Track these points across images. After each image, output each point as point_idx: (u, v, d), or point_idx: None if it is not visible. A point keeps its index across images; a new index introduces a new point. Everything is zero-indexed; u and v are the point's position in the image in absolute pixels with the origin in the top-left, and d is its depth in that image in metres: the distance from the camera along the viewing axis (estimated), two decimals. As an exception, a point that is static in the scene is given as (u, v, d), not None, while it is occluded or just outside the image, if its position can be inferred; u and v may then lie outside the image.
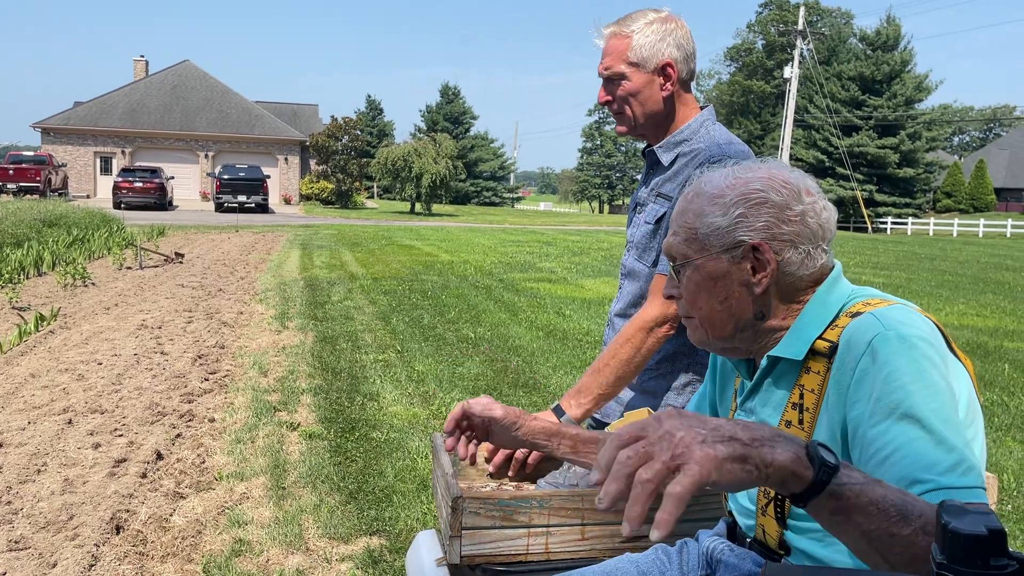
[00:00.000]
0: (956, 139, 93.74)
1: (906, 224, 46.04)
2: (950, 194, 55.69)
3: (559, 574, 1.42)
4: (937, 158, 54.89)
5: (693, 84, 2.01)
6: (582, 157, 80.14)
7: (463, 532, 1.49)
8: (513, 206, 71.28)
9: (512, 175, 76.97)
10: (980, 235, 40.69)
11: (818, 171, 50.66)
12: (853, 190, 47.33)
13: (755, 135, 59.13)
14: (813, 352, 1.16)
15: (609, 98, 1.95)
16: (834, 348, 1.13)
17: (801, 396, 1.17)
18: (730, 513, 1.32)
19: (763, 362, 1.23)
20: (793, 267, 1.19)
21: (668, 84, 1.90)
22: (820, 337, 1.16)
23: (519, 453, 1.80)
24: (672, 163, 1.93)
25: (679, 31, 1.90)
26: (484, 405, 1.49)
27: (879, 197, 49.67)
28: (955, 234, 41.70)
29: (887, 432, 1.02)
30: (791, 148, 47.55)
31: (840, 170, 48.79)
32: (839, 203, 50.09)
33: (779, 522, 1.17)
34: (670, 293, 1.29)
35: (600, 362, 1.85)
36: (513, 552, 1.52)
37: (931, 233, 42.95)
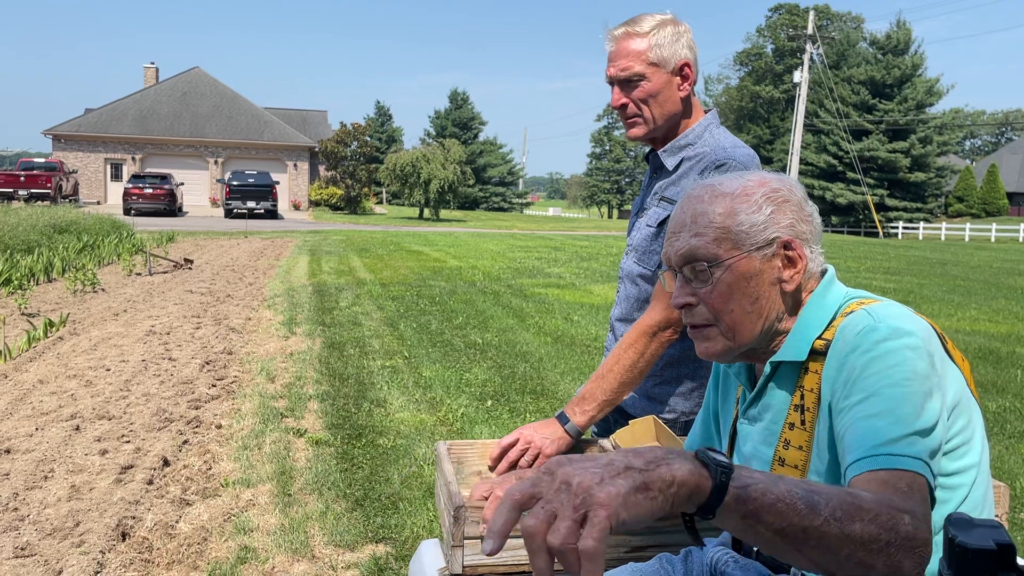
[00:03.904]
0: (968, 143, 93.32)
1: (917, 229, 45.81)
2: (962, 199, 55.40)
3: None
4: (948, 162, 54.62)
5: (701, 89, 2.00)
6: (591, 162, 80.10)
7: (465, 542, 1.47)
8: (522, 211, 71.30)
9: (521, 180, 77.07)
10: (992, 240, 40.44)
11: (828, 175, 50.49)
12: (864, 195, 47.14)
13: (764, 140, 58.98)
14: (812, 352, 1.17)
15: (626, 100, 1.90)
16: (829, 345, 1.15)
17: (802, 397, 1.17)
18: None
19: (766, 368, 1.22)
20: (811, 265, 1.21)
21: (685, 84, 1.89)
22: (819, 337, 1.17)
23: (523, 462, 1.78)
24: (677, 167, 1.91)
25: (688, 34, 1.90)
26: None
27: (890, 202, 49.45)
28: (967, 239, 41.48)
29: (854, 408, 1.05)
30: (801, 152, 47.40)
31: (851, 174, 48.60)
32: (850, 208, 49.91)
33: None
34: (686, 301, 1.23)
35: (603, 368, 1.84)
36: (516, 562, 1.50)
37: (943, 238, 42.73)
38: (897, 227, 46.97)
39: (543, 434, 1.79)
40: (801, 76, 43.28)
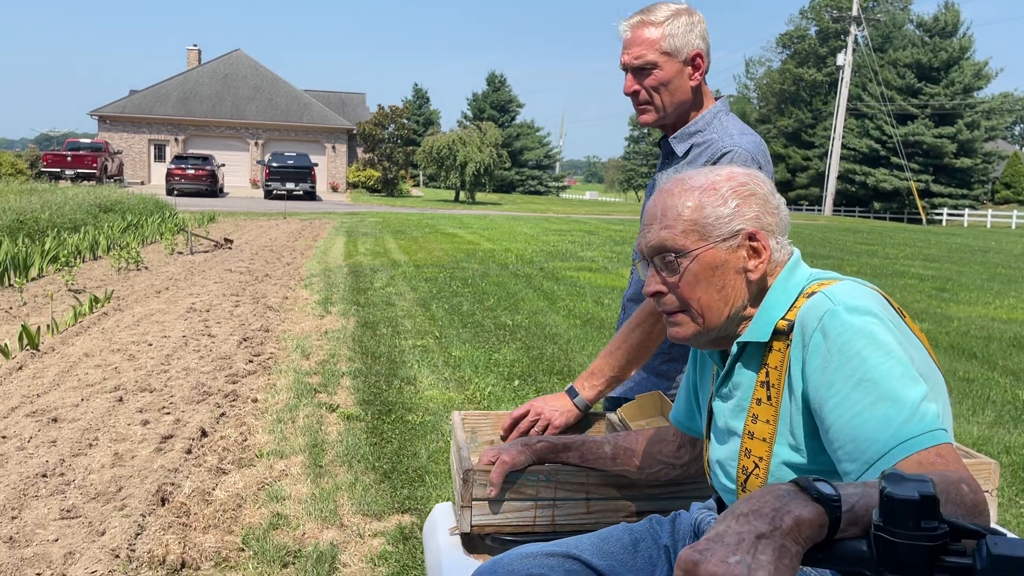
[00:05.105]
0: (1017, 128, 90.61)
1: (962, 216, 44.81)
2: (1009, 185, 54.03)
3: (559, 540, 1.50)
4: (996, 148, 53.25)
5: (742, 71, 2.06)
6: (629, 145, 79.61)
7: (473, 503, 1.57)
8: (558, 195, 71.10)
9: (558, 164, 76.77)
10: (1040, 227, 39.45)
11: (871, 160, 49.58)
12: (907, 180, 46.25)
13: (806, 124, 58.00)
14: (776, 332, 1.24)
15: (638, 87, 1.96)
16: (791, 326, 1.21)
17: (767, 375, 1.24)
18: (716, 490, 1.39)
19: (733, 349, 1.30)
20: (776, 254, 1.27)
21: (697, 74, 1.95)
22: (782, 318, 1.24)
23: (533, 432, 1.88)
24: (686, 153, 1.98)
25: (702, 24, 1.95)
26: (514, 459, 1.58)
27: (935, 188, 48.41)
28: (1014, 226, 40.48)
29: (847, 399, 1.09)
30: (843, 137, 46.59)
31: (894, 160, 47.67)
32: (893, 194, 48.97)
33: None
34: (656, 289, 1.30)
35: (612, 345, 1.92)
36: (521, 523, 1.60)
37: (988, 225, 41.77)
38: (941, 214, 46.00)
39: (552, 406, 1.89)
40: (845, 59, 42.50)
